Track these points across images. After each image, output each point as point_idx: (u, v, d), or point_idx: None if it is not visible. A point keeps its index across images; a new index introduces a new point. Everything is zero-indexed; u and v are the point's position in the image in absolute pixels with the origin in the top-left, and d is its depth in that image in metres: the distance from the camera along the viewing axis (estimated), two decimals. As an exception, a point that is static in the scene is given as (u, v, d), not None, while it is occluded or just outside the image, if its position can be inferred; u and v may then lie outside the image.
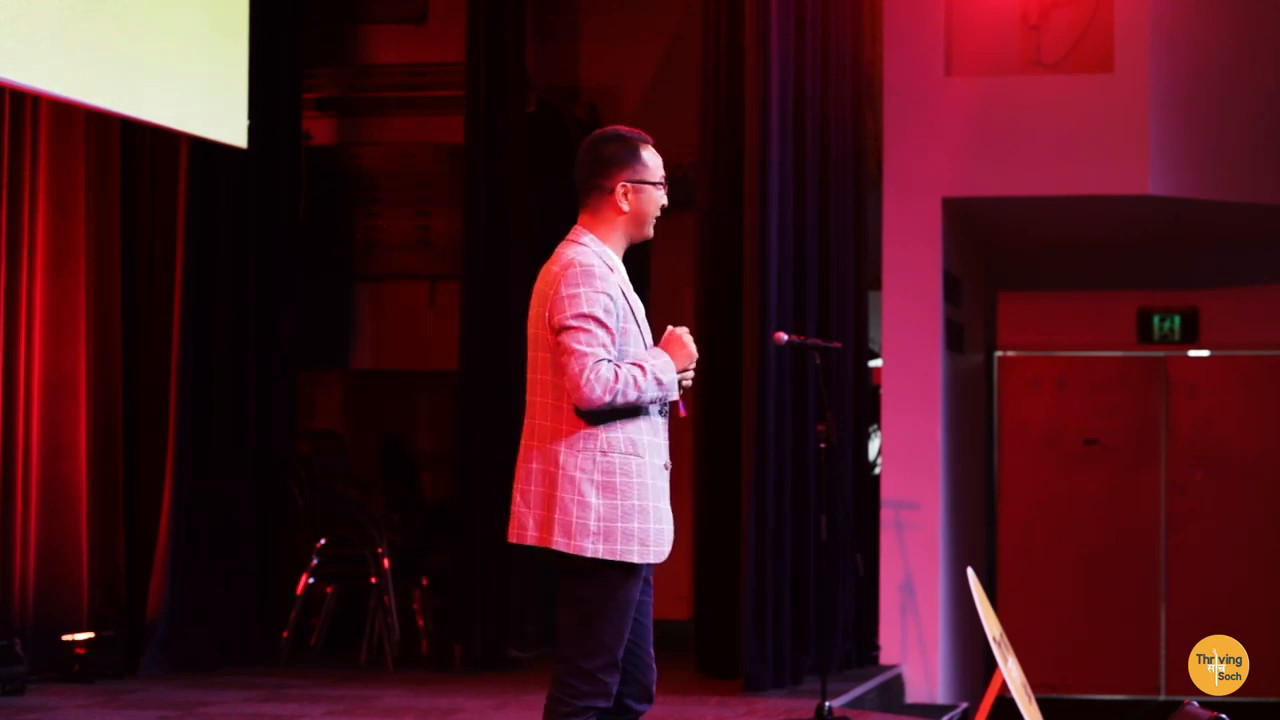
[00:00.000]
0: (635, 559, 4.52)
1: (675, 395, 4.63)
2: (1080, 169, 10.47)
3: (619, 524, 4.51)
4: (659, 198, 4.74)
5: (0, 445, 8.29)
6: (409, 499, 10.17)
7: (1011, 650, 5.75)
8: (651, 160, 4.73)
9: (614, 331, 4.54)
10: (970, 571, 5.88)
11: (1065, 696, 12.72)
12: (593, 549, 4.49)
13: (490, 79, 9.54)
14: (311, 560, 9.22)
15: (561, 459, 4.53)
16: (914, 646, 10.13)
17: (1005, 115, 10.53)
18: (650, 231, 4.78)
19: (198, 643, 8.88)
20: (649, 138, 4.78)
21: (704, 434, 8.92)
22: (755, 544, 8.38)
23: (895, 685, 9.76)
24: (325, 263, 11.03)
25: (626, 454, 4.55)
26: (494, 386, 9.37)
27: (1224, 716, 5.53)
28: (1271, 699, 12.16)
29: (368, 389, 11.10)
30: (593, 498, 4.50)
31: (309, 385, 10.75)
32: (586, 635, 4.52)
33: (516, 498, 4.61)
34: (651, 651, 4.71)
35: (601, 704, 4.54)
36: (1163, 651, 12.88)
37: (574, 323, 4.49)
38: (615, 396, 4.46)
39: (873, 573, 9.94)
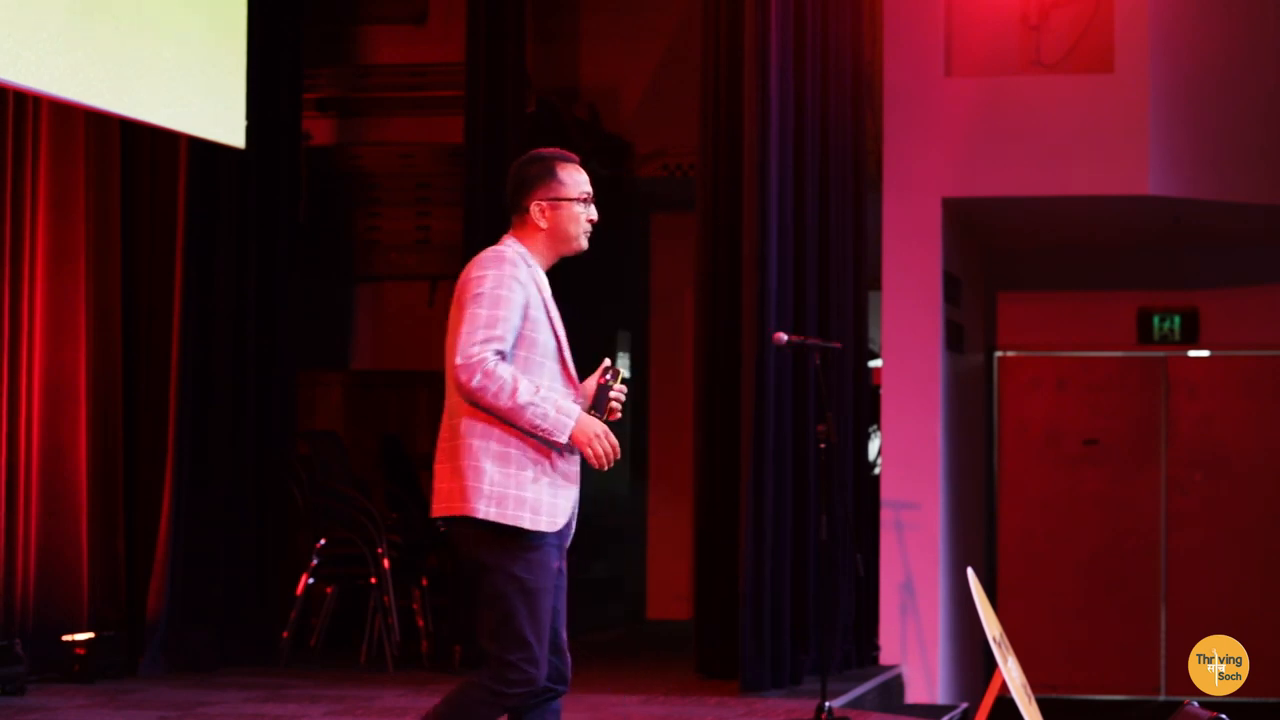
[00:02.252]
0: (527, 525, 4.63)
1: (559, 438, 4.66)
2: (1080, 169, 10.47)
3: (511, 491, 4.64)
4: (579, 212, 4.88)
5: (1, 445, 8.29)
6: (409, 499, 10.16)
7: (1011, 650, 5.75)
8: (569, 178, 4.89)
9: (507, 311, 4.65)
10: (970, 571, 5.88)
11: (1065, 696, 12.73)
12: (484, 511, 4.61)
13: (490, 79, 9.54)
14: (311, 560, 9.22)
15: (464, 429, 4.65)
16: (914, 646, 10.13)
17: (1005, 115, 10.53)
18: (579, 245, 4.92)
19: (198, 643, 8.88)
20: (573, 157, 4.96)
21: (704, 434, 8.91)
22: (755, 544, 8.38)
23: (895, 685, 9.76)
24: (325, 263, 11.03)
25: (525, 438, 4.66)
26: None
27: (1224, 716, 5.54)
28: (1271, 699, 12.16)
29: (367, 389, 11.10)
30: (487, 465, 4.62)
31: (309, 385, 10.75)
32: (506, 629, 4.62)
33: (436, 474, 4.76)
34: (564, 634, 4.82)
35: (524, 690, 4.63)
36: (1163, 652, 12.88)
37: (473, 302, 4.66)
38: (487, 390, 4.57)
39: (873, 573, 9.94)
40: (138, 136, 8.91)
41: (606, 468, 4.78)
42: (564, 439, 4.66)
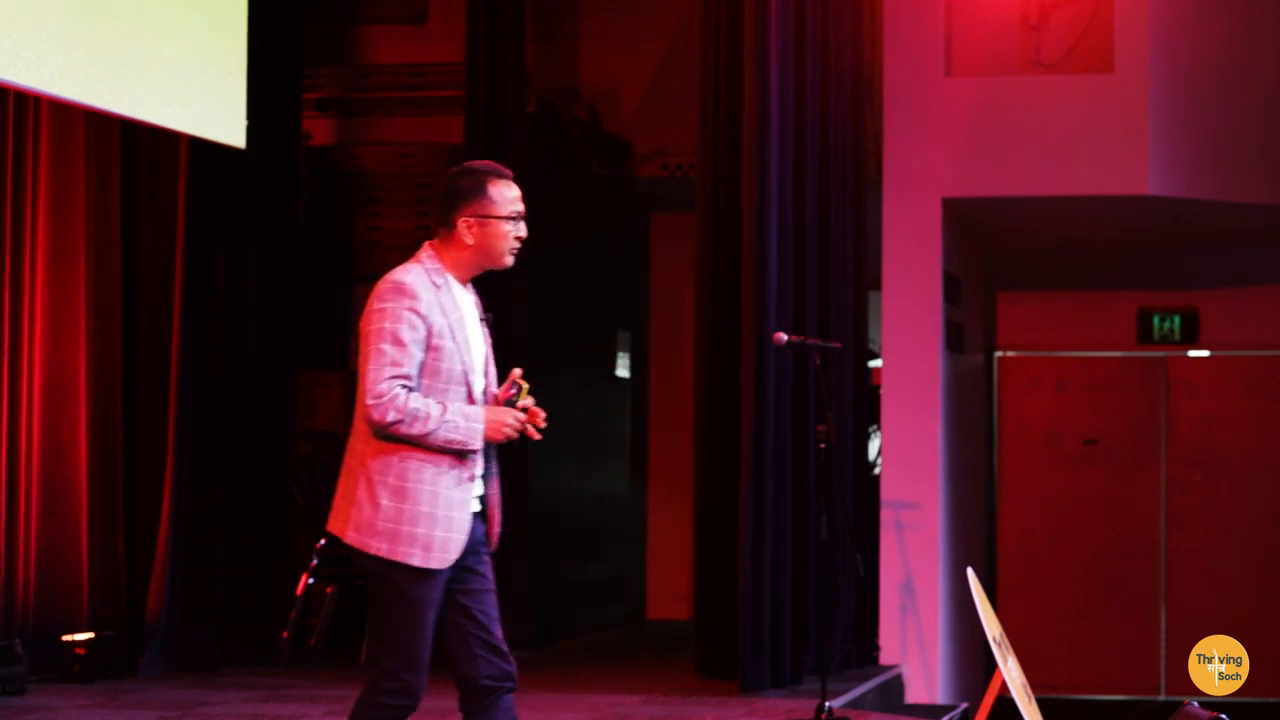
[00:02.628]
0: (416, 563, 4.67)
1: (475, 444, 4.72)
2: (1080, 169, 10.47)
3: (404, 527, 4.67)
4: (507, 230, 4.86)
5: (1, 445, 8.29)
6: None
7: (1011, 650, 5.75)
8: (500, 195, 4.85)
9: (410, 347, 4.66)
10: (970, 571, 5.88)
11: (1065, 696, 12.72)
12: (376, 547, 4.67)
13: (490, 79, 9.55)
14: (311, 560, 9.22)
15: (365, 459, 4.72)
16: (914, 646, 10.12)
17: (1005, 115, 10.53)
18: (505, 261, 4.92)
19: (198, 643, 8.88)
20: (507, 173, 4.91)
21: (704, 434, 8.92)
22: (755, 544, 8.38)
23: (895, 685, 9.76)
24: (325, 263, 11.03)
25: (424, 461, 4.68)
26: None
27: (1224, 716, 5.54)
28: (1271, 699, 12.16)
29: (368, 389, 11.07)
30: (384, 500, 4.68)
31: (309, 385, 10.75)
32: (388, 636, 4.72)
33: (338, 488, 4.84)
34: (500, 635, 4.89)
35: (402, 701, 4.73)
36: (1163, 652, 12.88)
37: (373, 338, 4.67)
38: (401, 423, 4.62)
39: (873, 573, 9.94)
40: (138, 136, 8.91)
41: (536, 436, 4.86)
42: (479, 444, 4.73)
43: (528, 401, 4.84)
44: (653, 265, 12.79)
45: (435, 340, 4.71)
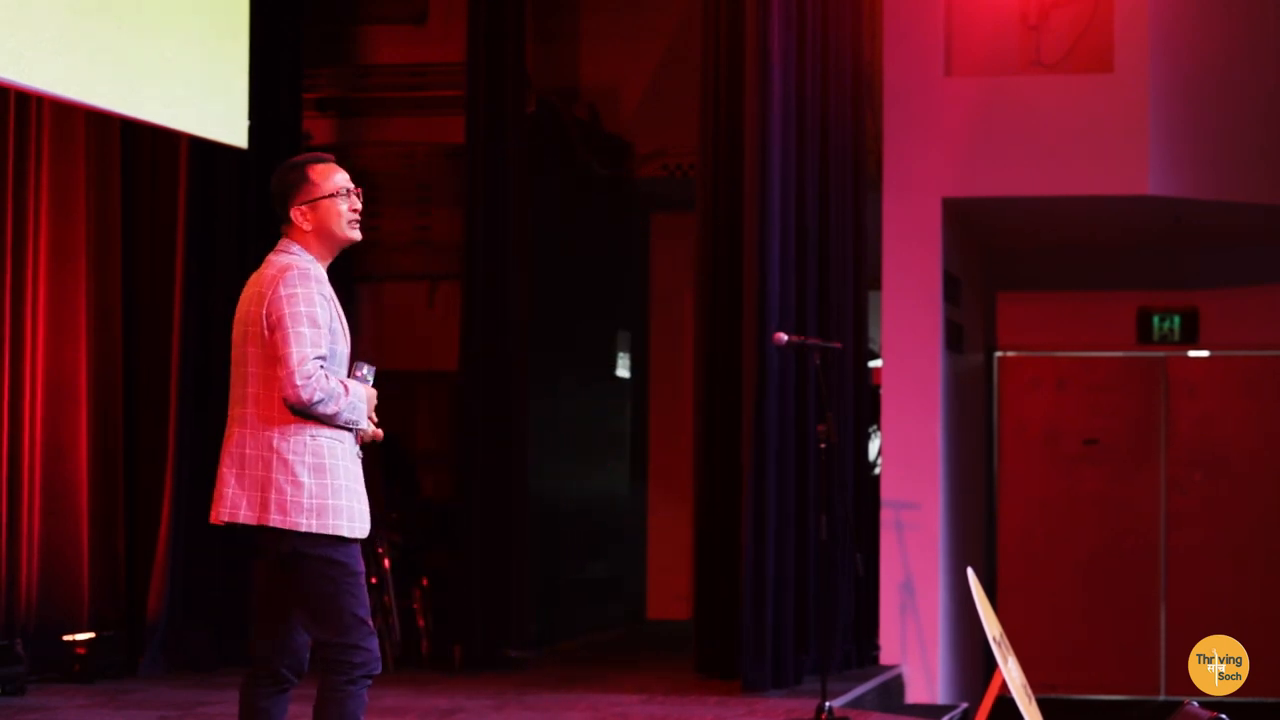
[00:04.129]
0: (345, 533, 4.82)
1: (364, 424, 4.93)
2: (1080, 169, 10.47)
3: (329, 500, 4.81)
4: (339, 205, 5.04)
5: (2, 445, 8.29)
6: (409, 499, 10.16)
7: (1011, 650, 5.75)
8: (322, 177, 5.05)
9: (323, 329, 4.85)
10: (970, 571, 5.88)
11: (1065, 696, 12.73)
12: (306, 524, 4.79)
13: (490, 79, 9.55)
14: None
15: (275, 443, 4.85)
16: (914, 646, 10.13)
17: (1005, 115, 10.53)
18: (351, 235, 5.10)
19: (198, 643, 8.89)
20: (327, 157, 5.11)
21: (704, 434, 8.92)
22: (755, 544, 8.38)
23: (895, 685, 9.76)
24: (325, 263, 11.02)
25: (331, 438, 4.86)
26: (494, 386, 9.37)
27: (1224, 716, 5.54)
28: (1271, 699, 12.16)
29: (367, 389, 11.08)
30: (305, 478, 4.81)
31: (308, 385, 10.73)
32: (337, 614, 4.80)
33: (229, 480, 4.97)
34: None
35: (375, 668, 4.84)
36: (1163, 652, 12.88)
37: (291, 321, 4.82)
38: (323, 401, 4.78)
39: (873, 573, 9.94)
40: (138, 137, 8.91)
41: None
42: (367, 424, 4.93)
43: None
44: (653, 265, 12.80)
45: (333, 323, 4.92)
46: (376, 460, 10.63)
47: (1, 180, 8.33)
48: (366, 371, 5.00)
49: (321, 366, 4.79)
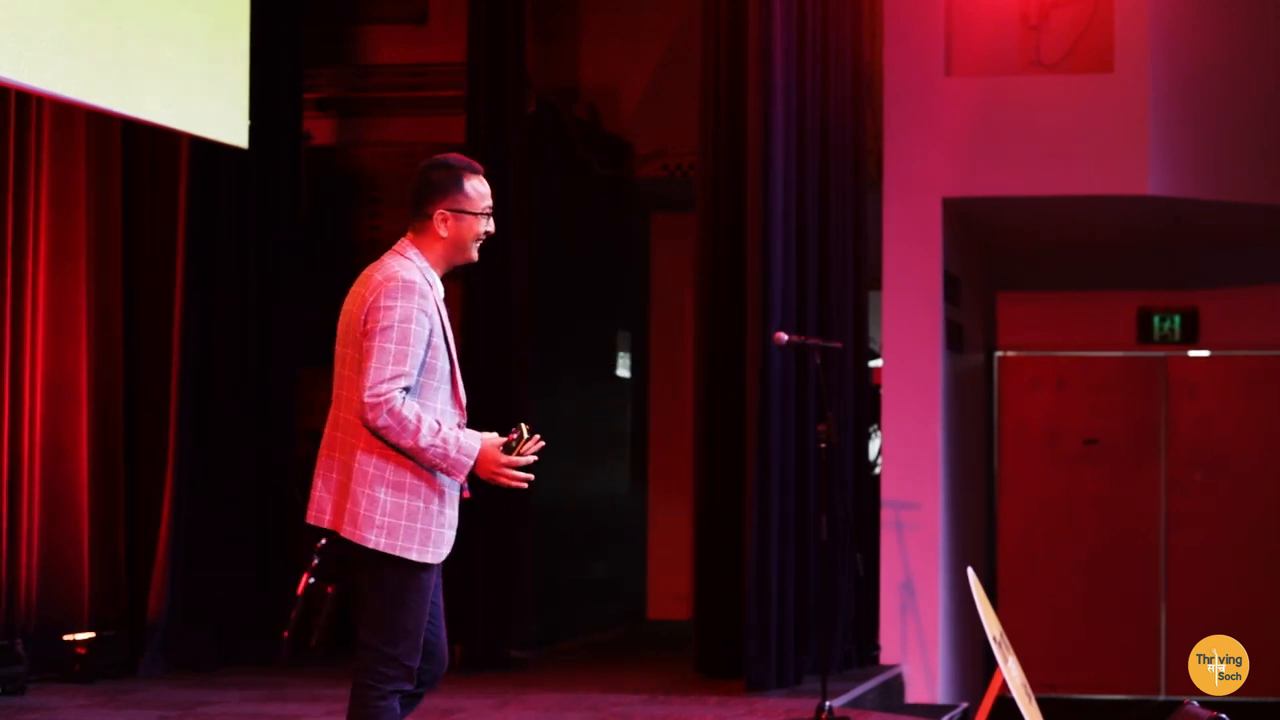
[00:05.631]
0: (413, 557, 4.73)
1: (458, 476, 4.74)
2: (1080, 169, 10.47)
3: (402, 521, 4.71)
4: (479, 226, 4.91)
5: (3, 445, 8.29)
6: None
7: (1011, 650, 5.75)
8: (474, 190, 4.93)
9: (415, 346, 4.68)
10: (970, 571, 5.88)
11: (1065, 696, 12.73)
12: (374, 541, 4.72)
13: (490, 79, 9.54)
14: (312, 560, 9.20)
15: (360, 454, 4.71)
16: (914, 646, 10.13)
17: (1005, 115, 10.53)
18: (472, 255, 4.96)
19: (198, 643, 8.89)
20: (479, 168, 5.00)
21: (704, 434, 8.92)
22: (757, 544, 8.38)
23: (895, 685, 9.76)
24: (325, 263, 11.02)
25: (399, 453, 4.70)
26: (494, 386, 9.37)
27: (1224, 716, 5.54)
28: (1271, 699, 12.16)
29: (367, 389, 11.08)
30: (381, 494, 4.71)
31: (309, 385, 10.74)
32: (389, 623, 4.79)
33: (318, 482, 4.84)
34: (444, 638, 4.97)
35: (406, 686, 4.80)
36: (1163, 651, 12.88)
37: (381, 336, 4.67)
38: (390, 429, 4.61)
39: (873, 573, 9.94)
40: (139, 136, 8.91)
41: (522, 484, 4.83)
42: (462, 478, 4.75)
43: (530, 447, 4.81)
44: (653, 265, 12.79)
45: (434, 339, 4.76)
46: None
47: (1, 180, 8.33)
48: (514, 438, 4.78)
49: (404, 388, 4.63)
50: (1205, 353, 13.11)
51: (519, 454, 4.79)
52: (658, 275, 12.75)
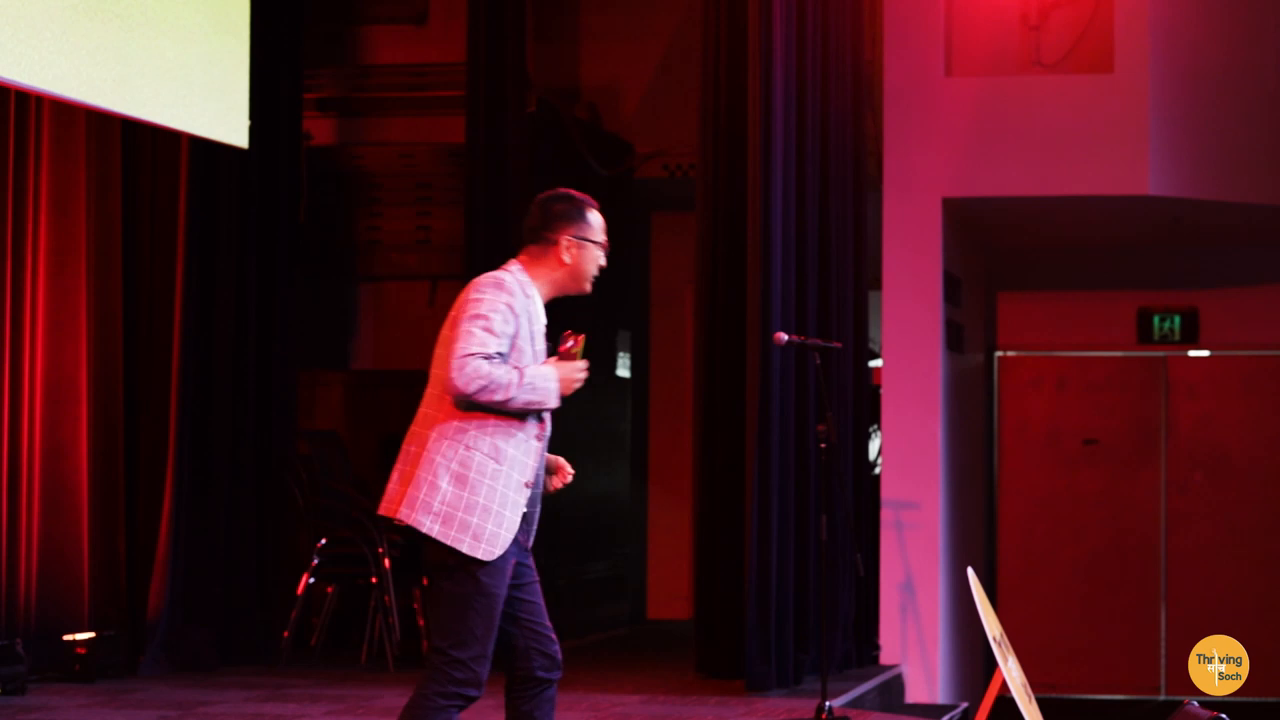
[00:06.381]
0: (464, 550, 4.82)
1: (553, 403, 4.94)
2: (1080, 169, 10.47)
3: (459, 513, 4.84)
4: (598, 257, 5.14)
5: (2, 445, 8.29)
6: (409, 499, 10.15)
7: (1011, 650, 5.75)
8: (595, 221, 5.14)
9: (501, 336, 4.86)
10: (970, 571, 5.88)
11: (1065, 696, 12.73)
12: (429, 527, 4.83)
13: (490, 79, 9.55)
14: (312, 560, 9.22)
15: (430, 443, 4.90)
16: (914, 646, 10.13)
17: (1005, 115, 10.53)
18: (588, 287, 5.18)
19: (198, 643, 8.89)
20: (595, 203, 5.17)
21: (704, 434, 8.92)
22: (757, 544, 8.38)
23: (895, 685, 9.76)
24: (325, 263, 11.03)
25: (487, 456, 4.88)
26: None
27: (1224, 716, 5.54)
28: (1271, 699, 12.16)
29: (368, 389, 11.10)
30: (444, 483, 4.86)
31: (309, 385, 10.75)
32: (456, 627, 4.83)
33: (393, 476, 5.00)
34: (549, 624, 5.04)
35: (472, 692, 4.84)
36: (1163, 651, 12.89)
37: (467, 321, 4.86)
38: (485, 389, 4.79)
39: (873, 573, 9.94)
40: (139, 136, 8.91)
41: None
42: (556, 402, 4.95)
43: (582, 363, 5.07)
44: (653, 265, 12.80)
45: (520, 341, 4.93)
46: (377, 461, 10.66)
47: (2, 180, 8.33)
48: (572, 344, 5.04)
49: (488, 359, 4.80)
50: (1205, 353, 13.11)
51: (583, 356, 5.07)
52: (658, 275, 12.75)
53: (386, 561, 9.18)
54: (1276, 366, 12.98)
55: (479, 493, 4.84)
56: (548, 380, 4.91)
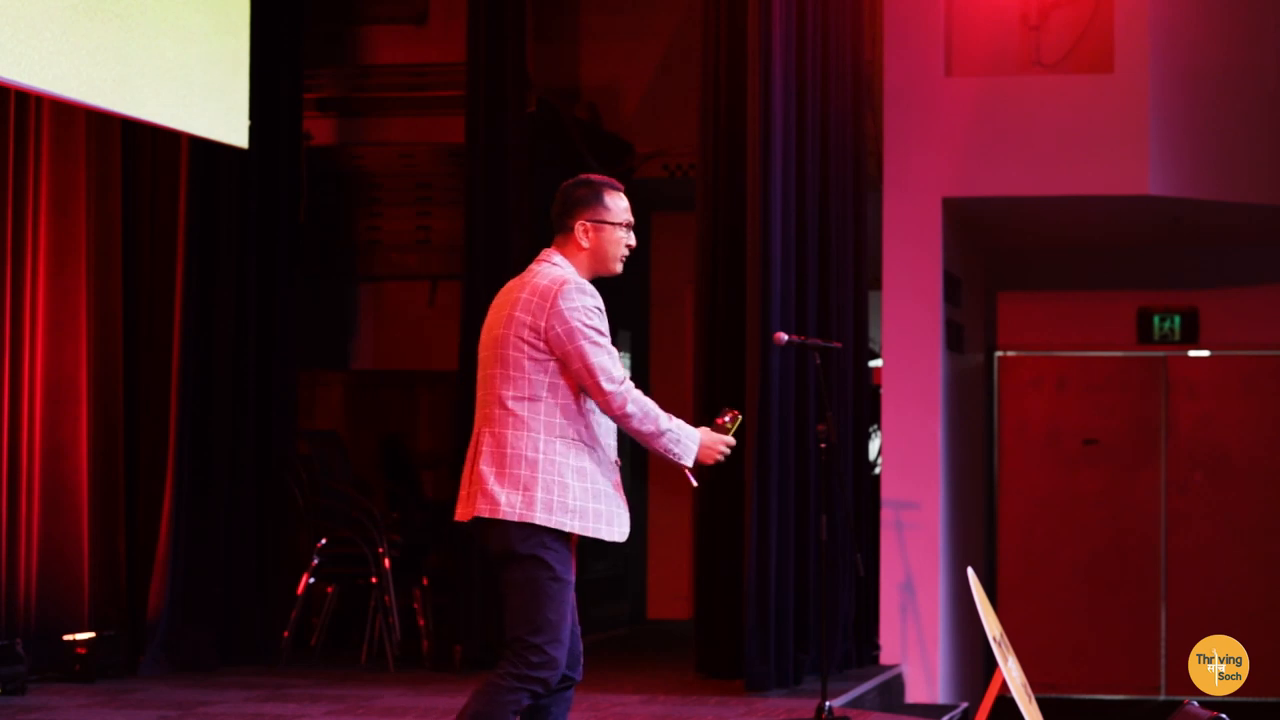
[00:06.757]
0: (604, 536, 5.01)
1: (687, 461, 5.06)
2: (1080, 169, 10.47)
3: (591, 505, 4.97)
4: (620, 237, 5.20)
5: (2, 445, 8.29)
6: (409, 499, 10.16)
7: (1011, 650, 5.75)
8: (613, 204, 5.21)
9: (607, 336, 5.00)
10: (970, 571, 5.88)
11: (1065, 696, 12.73)
12: (570, 524, 4.94)
13: (490, 79, 9.54)
14: (312, 560, 9.22)
15: (541, 445, 4.94)
16: (914, 646, 10.13)
17: (1005, 115, 10.53)
18: (616, 268, 5.21)
19: (198, 642, 8.89)
20: (619, 185, 5.25)
21: (704, 434, 8.91)
22: (757, 544, 8.38)
23: (895, 685, 9.77)
24: (325, 263, 11.03)
25: (590, 448, 4.98)
26: (494, 386, 9.36)
27: (1224, 716, 5.54)
28: (1271, 699, 12.16)
29: (368, 389, 11.10)
30: (571, 480, 4.94)
31: (309, 385, 10.75)
32: (530, 614, 4.92)
33: (484, 475, 4.97)
34: (577, 620, 5.18)
35: (547, 675, 4.93)
36: (1163, 651, 12.89)
37: (578, 333, 4.94)
38: (635, 417, 4.95)
39: (873, 573, 9.94)
40: (139, 136, 8.91)
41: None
42: (690, 462, 5.06)
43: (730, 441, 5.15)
44: (653, 265, 12.80)
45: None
46: (377, 461, 10.66)
47: (1, 180, 8.33)
48: (729, 419, 5.13)
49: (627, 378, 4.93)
50: (1205, 352, 13.11)
51: (733, 433, 5.14)
52: (658, 275, 12.76)
53: (386, 561, 9.18)
54: (1276, 366, 12.98)
55: (600, 481, 4.96)
56: (692, 440, 5.04)
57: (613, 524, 5.00)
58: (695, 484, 5.31)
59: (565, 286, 4.97)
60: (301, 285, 9.94)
